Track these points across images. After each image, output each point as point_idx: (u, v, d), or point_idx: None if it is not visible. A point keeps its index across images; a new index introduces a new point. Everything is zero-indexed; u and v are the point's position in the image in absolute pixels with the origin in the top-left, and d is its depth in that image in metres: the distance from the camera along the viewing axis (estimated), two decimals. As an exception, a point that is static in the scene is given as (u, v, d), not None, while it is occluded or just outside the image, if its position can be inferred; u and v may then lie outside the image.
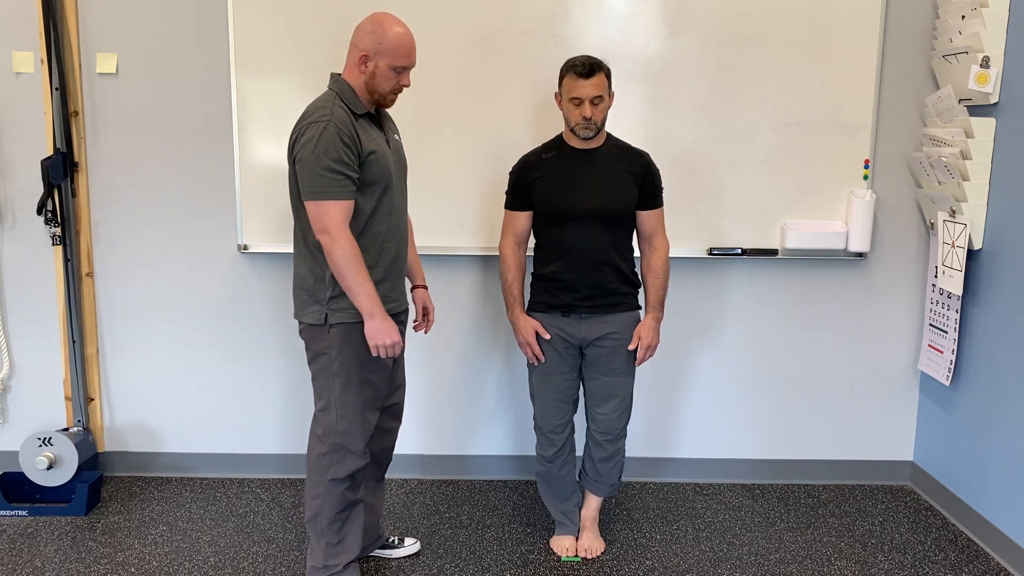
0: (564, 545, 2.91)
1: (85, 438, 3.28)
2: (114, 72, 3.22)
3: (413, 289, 2.74)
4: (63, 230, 3.24)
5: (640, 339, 2.74)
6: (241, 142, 3.18)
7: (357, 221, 2.36)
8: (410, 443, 3.48)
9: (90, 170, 3.28)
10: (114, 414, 3.45)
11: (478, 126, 3.19)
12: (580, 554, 2.89)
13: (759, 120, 3.20)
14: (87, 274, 3.34)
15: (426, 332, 2.77)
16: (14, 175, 3.27)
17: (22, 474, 3.21)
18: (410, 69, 2.40)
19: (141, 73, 3.22)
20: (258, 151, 3.19)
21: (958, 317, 3.12)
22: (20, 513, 3.13)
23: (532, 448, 3.47)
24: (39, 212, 3.18)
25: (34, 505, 3.18)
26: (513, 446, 3.49)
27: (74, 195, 3.26)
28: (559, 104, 2.67)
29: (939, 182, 3.12)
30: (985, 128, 2.93)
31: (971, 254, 3.06)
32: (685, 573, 2.79)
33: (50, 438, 3.17)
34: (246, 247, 3.26)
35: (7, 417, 3.44)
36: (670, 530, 3.08)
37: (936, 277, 3.21)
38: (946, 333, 3.19)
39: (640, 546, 2.96)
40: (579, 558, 2.88)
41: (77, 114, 3.23)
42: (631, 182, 2.69)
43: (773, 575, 2.79)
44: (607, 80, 2.60)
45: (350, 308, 2.39)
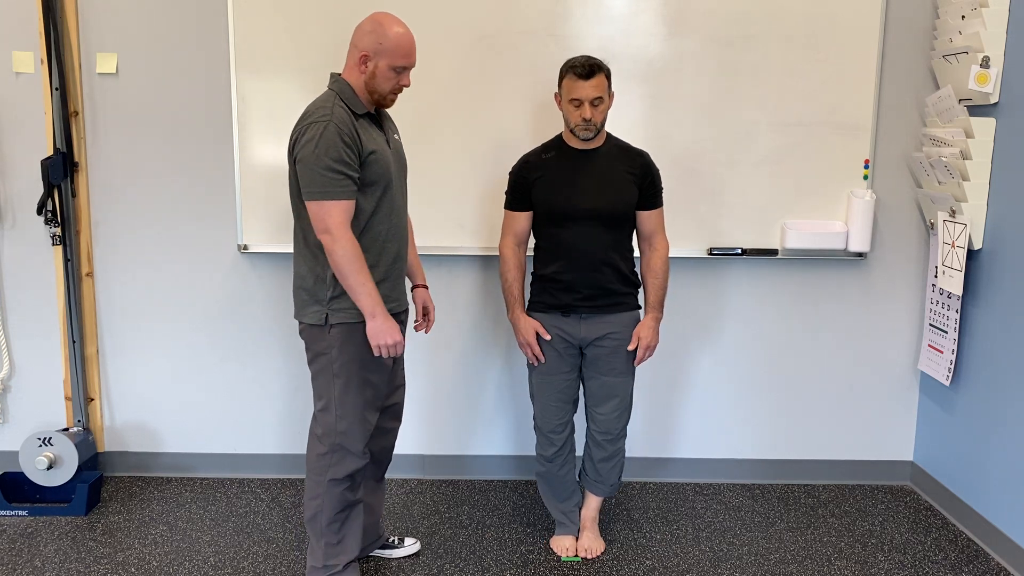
0: (564, 545, 2.91)
1: (85, 438, 3.28)
2: (114, 72, 3.22)
3: (413, 288, 2.74)
4: (63, 230, 3.24)
5: (639, 339, 2.74)
6: (241, 142, 3.18)
7: (358, 221, 2.36)
8: (410, 443, 3.48)
9: (90, 170, 3.28)
10: (114, 414, 3.45)
11: (478, 126, 3.19)
12: (580, 554, 2.89)
13: (759, 120, 3.20)
14: (87, 274, 3.34)
15: (426, 332, 2.76)
16: (14, 175, 3.27)
17: (22, 474, 3.21)
18: (410, 69, 2.40)
19: (141, 73, 3.22)
20: (258, 151, 3.19)
21: (958, 317, 3.12)
22: (20, 513, 3.13)
23: (532, 448, 3.47)
24: (39, 212, 3.18)
25: (34, 505, 3.18)
26: (513, 446, 3.49)
27: (74, 195, 3.26)
28: (559, 104, 2.66)
29: (939, 182, 3.12)
30: (985, 128, 2.93)
31: (971, 254, 3.06)
32: (685, 573, 2.79)
33: (50, 438, 3.17)
34: (246, 247, 3.26)
35: (7, 417, 3.44)
36: (670, 530, 3.08)
37: (936, 277, 3.21)
38: (946, 333, 3.19)
39: (640, 546, 2.96)
40: (579, 558, 2.88)
41: (77, 114, 3.23)
42: (631, 182, 2.68)
43: (773, 575, 2.79)
44: (607, 81, 2.59)
45: (351, 308, 2.39)
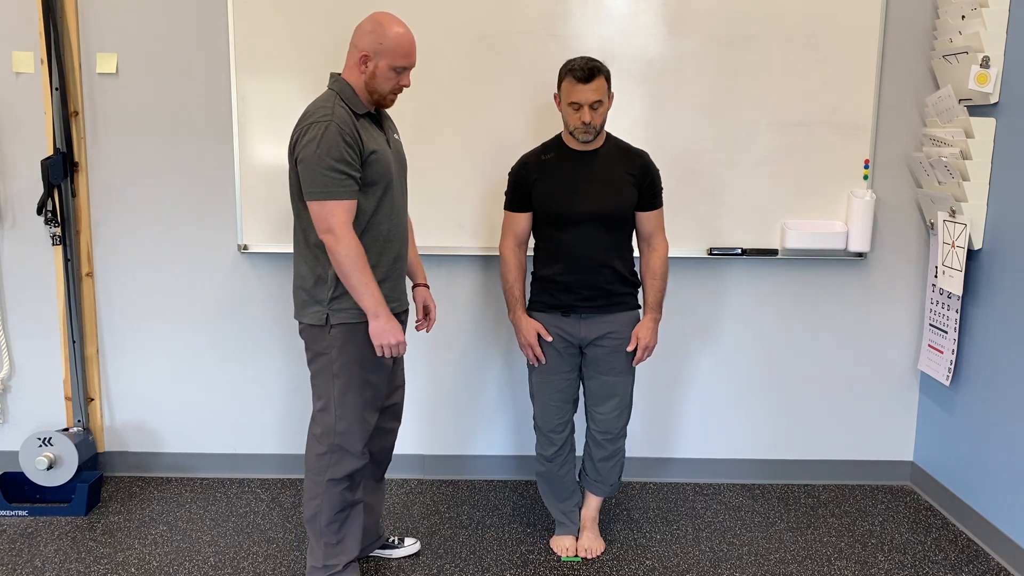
0: (564, 545, 2.91)
1: (85, 438, 3.28)
2: (114, 72, 3.22)
3: (414, 287, 2.74)
4: (63, 230, 3.24)
5: (638, 340, 2.74)
6: (241, 142, 3.18)
7: (359, 221, 2.36)
8: (410, 443, 3.48)
9: (90, 170, 3.28)
10: (114, 414, 3.45)
11: (478, 126, 3.19)
12: (580, 554, 2.89)
13: (759, 120, 3.20)
14: (87, 274, 3.34)
15: (427, 331, 2.76)
16: (14, 175, 3.27)
17: (22, 474, 3.21)
18: (410, 69, 2.40)
19: (141, 73, 3.22)
20: (258, 151, 3.19)
21: (958, 317, 3.12)
22: (20, 513, 3.13)
23: (532, 448, 3.47)
24: (39, 212, 3.18)
25: (34, 505, 3.18)
26: (513, 446, 3.49)
27: (74, 195, 3.26)
28: (558, 106, 2.66)
29: (939, 182, 3.12)
30: (985, 128, 2.93)
31: (971, 254, 3.06)
32: (685, 573, 2.79)
33: (50, 438, 3.17)
34: (246, 247, 3.26)
35: (7, 417, 3.44)
36: (670, 530, 3.08)
37: (936, 277, 3.21)
38: (946, 333, 3.19)
39: (640, 546, 2.96)
40: (579, 558, 2.88)
41: (77, 114, 3.23)
42: (630, 184, 2.68)
43: (773, 575, 2.79)
44: (607, 83, 2.58)
45: (351, 308, 2.39)
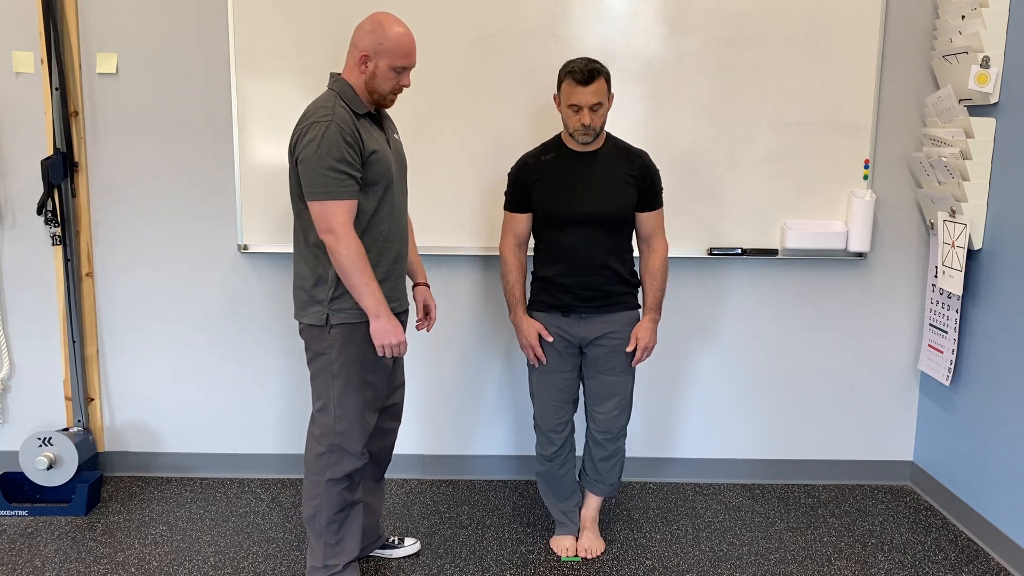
0: (564, 545, 2.91)
1: (85, 438, 3.28)
2: (114, 72, 3.22)
3: (414, 287, 2.74)
4: (63, 230, 3.24)
5: (637, 340, 2.74)
6: (241, 142, 3.18)
7: (359, 221, 2.36)
8: (410, 443, 3.48)
9: (90, 170, 3.28)
10: (114, 414, 3.45)
11: (478, 126, 3.19)
12: (580, 554, 2.89)
13: (759, 120, 3.20)
14: (87, 274, 3.34)
15: (428, 331, 2.76)
16: (14, 175, 3.27)
17: (22, 474, 3.21)
18: (410, 69, 2.40)
19: (141, 73, 3.22)
20: (258, 151, 3.19)
21: (958, 317, 3.12)
22: (20, 513, 3.13)
23: (532, 448, 3.47)
24: (39, 212, 3.18)
25: (34, 505, 3.18)
26: (513, 446, 3.49)
27: (74, 195, 3.26)
28: (558, 106, 2.65)
29: (939, 182, 3.12)
30: (985, 128, 2.93)
31: (971, 254, 3.06)
32: (685, 573, 2.79)
33: (50, 438, 3.17)
34: (246, 247, 3.26)
35: (7, 417, 3.44)
36: (670, 530, 3.08)
37: (936, 277, 3.21)
38: (946, 333, 3.19)
39: (640, 546, 2.96)
40: (579, 558, 2.88)
41: (77, 114, 3.23)
42: (630, 185, 2.68)
43: (773, 575, 2.79)
44: (607, 84, 2.57)
45: (351, 309, 2.38)
